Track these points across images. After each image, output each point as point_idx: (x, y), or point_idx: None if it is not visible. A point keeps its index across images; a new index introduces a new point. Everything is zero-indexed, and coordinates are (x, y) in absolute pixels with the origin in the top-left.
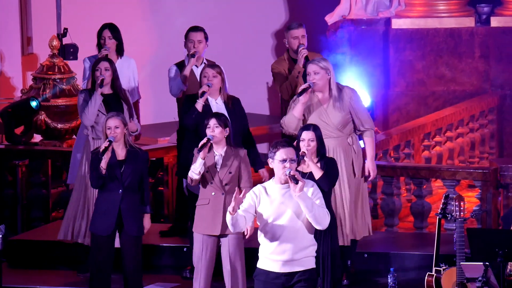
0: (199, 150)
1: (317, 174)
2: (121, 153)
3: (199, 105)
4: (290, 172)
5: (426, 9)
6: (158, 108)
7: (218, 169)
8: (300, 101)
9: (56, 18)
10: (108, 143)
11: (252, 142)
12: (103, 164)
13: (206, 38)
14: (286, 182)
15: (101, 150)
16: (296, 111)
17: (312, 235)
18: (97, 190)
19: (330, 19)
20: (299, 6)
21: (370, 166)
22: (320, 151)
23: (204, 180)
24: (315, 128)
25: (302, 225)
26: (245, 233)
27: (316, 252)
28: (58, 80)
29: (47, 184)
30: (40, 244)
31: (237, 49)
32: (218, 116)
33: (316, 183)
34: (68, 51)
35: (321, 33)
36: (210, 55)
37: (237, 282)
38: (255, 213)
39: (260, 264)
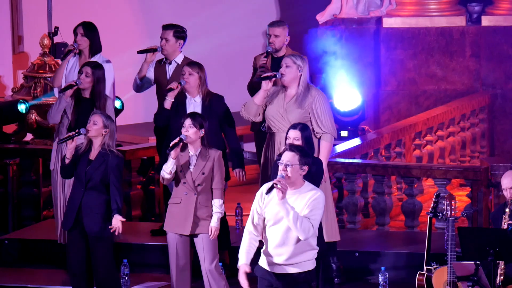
0: (170, 149)
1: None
2: (94, 153)
3: (166, 102)
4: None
5: (417, 8)
6: (148, 107)
7: (191, 169)
8: (262, 87)
9: (47, 17)
10: (74, 132)
11: (233, 140)
12: (67, 153)
13: (178, 36)
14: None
15: (64, 136)
16: (256, 97)
17: (314, 239)
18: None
19: (321, 18)
20: (290, 5)
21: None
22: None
23: (177, 179)
24: (303, 128)
25: None
26: (210, 234)
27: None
28: (49, 79)
29: (38, 183)
30: (31, 243)
31: (228, 48)
32: (193, 116)
33: None
34: (59, 50)
35: (312, 32)
36: (200, 54)
37: (216, 281)
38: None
39: (260, 261)
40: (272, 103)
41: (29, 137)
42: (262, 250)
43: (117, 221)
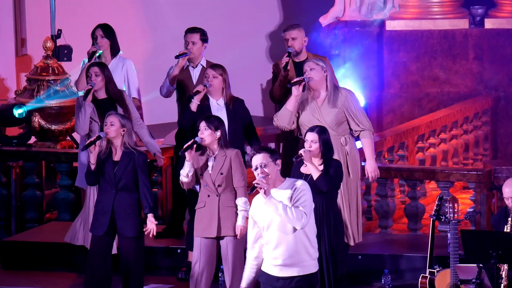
0: (183, 152)
1: (315, 174)
2: (117, 154)
3: (193, 104)
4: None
5: (420, 11)
6: (151, 109)
7: (210, 171)
8: (292, 93)
9: (50, 20)
10: (95, 137)
11: (255, 139)
12: (92, 159)
13: (204, 40)
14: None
15: (86, 143)
16: (288, 104)
17: (310, 238)
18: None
19: (324, 20)
20: (293, 8)
21: (367, 167)
22: (326, 155)
23: (200, 183)
24: (321, 131)
25: (293, 229)
26: (237, 233)
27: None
28: (52, 82)
29: (41, 186)
30: (34, 246)
31: (231, 50)
32: (208, 118)
33: (316, 184)
34: (62, 53)
35: (315, 35)
36: (206, 56)
37: (238, 284)
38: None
39: (263, 267)
40: (305, 110)
41: (32, 139)
42: (264, 255)
43: (151, 223)
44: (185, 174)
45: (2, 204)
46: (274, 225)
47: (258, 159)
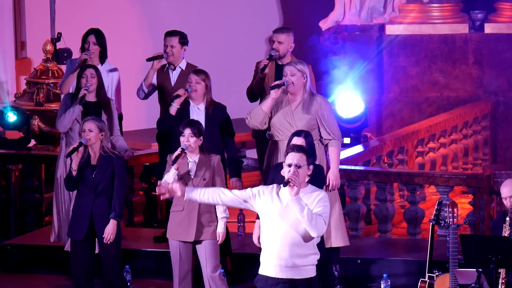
0: (174, 162)
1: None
2: (96, 158)
3: (172, 108)
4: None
5: (420, 16)
6: (151, 113)
7: (192, 176)
8: (270, 95)
9: (50, 23)
10: (77, 144)
11: (232, 149)
12: (74, 165)
13: (183, 43)
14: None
15: (68, 150)
16: (264, 105)
17: (315, 244)
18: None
19: (324, 24)
20: (293, 12)
21: (330, 174)
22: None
23: None
24: (307, 135)
25: (305, 231)
26: (217, 239)
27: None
28: (51, 85)
29: (41, 189)
30: (33, 249)
31: (230, 53)
32: (192, 124)
33: None
34: (62, 56)
35: (315, 39)
36: (201, 59)
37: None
38: (252, 205)
39: (261, 270)
40: (278, 112)
41: (31, 142)
42: (261, 257)
43: (110, 229)
44: (171, 181)
45: (1, 207)
46: (288, 222)
47: (295, 158)
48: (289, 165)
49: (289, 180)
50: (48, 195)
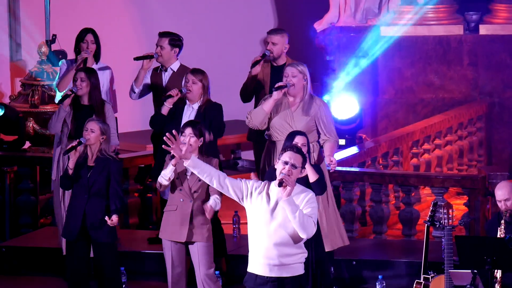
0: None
1: (312, 177)
2: (92, 159)
3: (164, 108)
4: (281, 175)
5: (415, 17)
6: (146, 114)
7: (188, 176)
8: (272, 96)
9: (45, 25)
10: (76, 143)
11: (213, 152)
12: (70, 164)
13: (174, 45)
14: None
15: (67, 148)
16: (266, 105)
17: (302, 243)
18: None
19: (319, 26)
20: (288, 13)
21: (330, 156)
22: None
23: (173, 186)
24: (307, 136)
25: (294, 230)
26: (206, 212)
27: (306, 259)
28: (46, 87)
29: (36, 191)
30: (29, 251)
31: (226, 55)
32: (194, 125)
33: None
34: (57, 58)
35: (310, 40)
36: (198, 62)
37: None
38: (242, 200)
39: (249, 268)
40: (278, 113)
41: (26, 144)
42: (249, 255)
43: (115, 220)
44: (167, 178)
45: None
46: (277, 220)
47: (292, 157)
48: (285, 163)
49: (283, 180)
50: (43, 197)
